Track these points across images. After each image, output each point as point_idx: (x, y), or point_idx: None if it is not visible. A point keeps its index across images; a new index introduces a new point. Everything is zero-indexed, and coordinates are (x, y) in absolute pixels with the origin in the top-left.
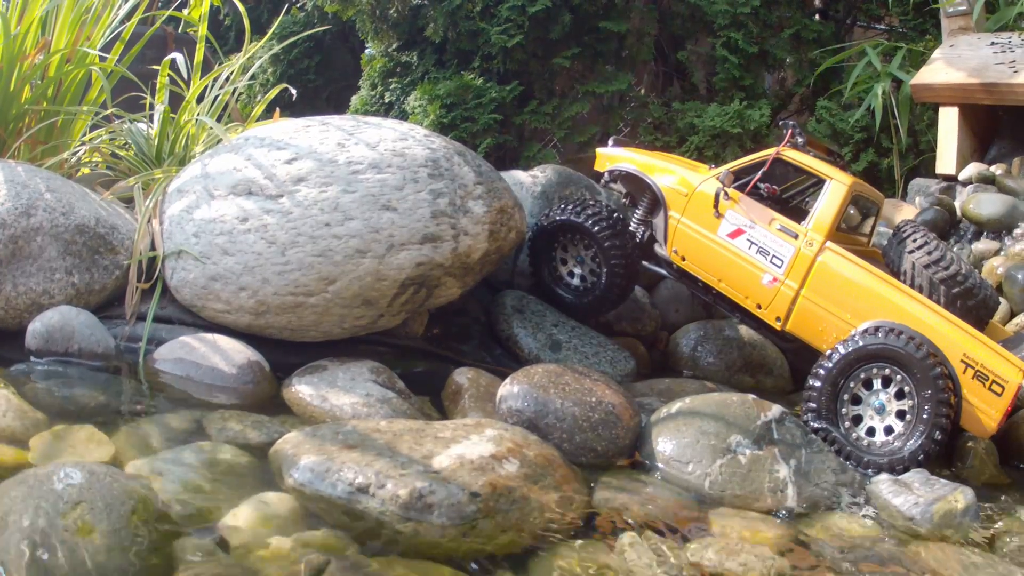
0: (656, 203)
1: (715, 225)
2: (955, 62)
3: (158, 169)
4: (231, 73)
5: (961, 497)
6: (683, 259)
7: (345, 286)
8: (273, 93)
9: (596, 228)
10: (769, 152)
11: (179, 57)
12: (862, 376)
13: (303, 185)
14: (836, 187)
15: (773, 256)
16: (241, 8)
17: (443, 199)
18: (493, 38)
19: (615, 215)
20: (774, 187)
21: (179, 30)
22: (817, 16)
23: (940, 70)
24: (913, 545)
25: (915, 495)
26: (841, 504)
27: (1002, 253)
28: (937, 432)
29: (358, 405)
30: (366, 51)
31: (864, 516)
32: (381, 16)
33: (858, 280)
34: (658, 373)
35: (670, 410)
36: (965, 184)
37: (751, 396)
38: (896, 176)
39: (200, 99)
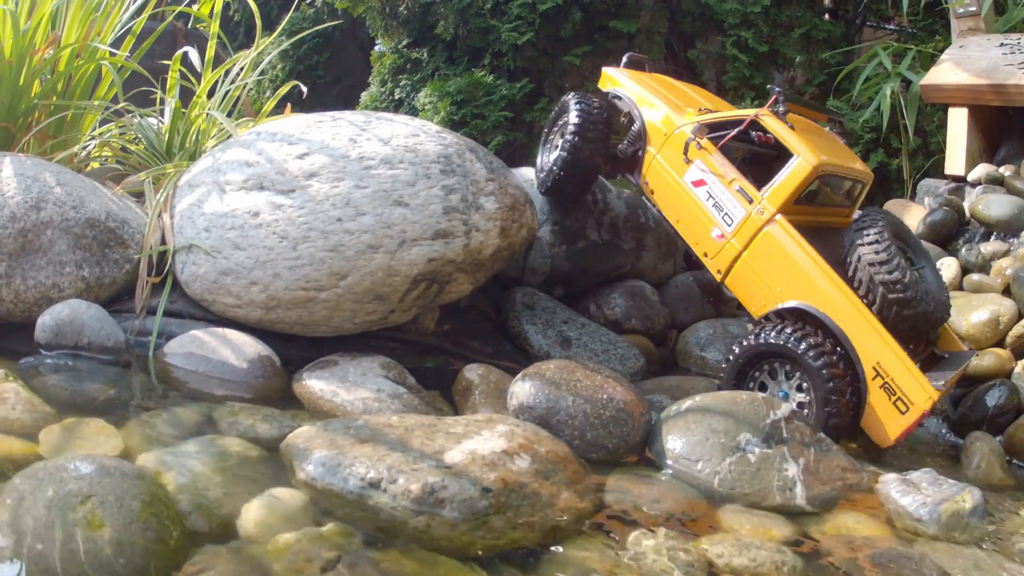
0: (641, 134)
1: (683, 170)
2: (964, 63)
3: (169, 163)
4: (242, 68)
5: (969, 497)
6: (652, 192)
7: (357, 281)
8: (285, 89)
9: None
10: (748, 113)
11: (191, 51)
12: (766, 368)
13: (315, 180)
14: (800, 164)
15: (726, 214)
16: (252, 4)
17: (455, 195)
18: (503, 35)
19: None
20: (768, 136)
21: (189, 26)
22: (827, 16)
23: (949, 71)
24: (921, 544)
25: (923, 495)
26: (849, 503)
27: (1011, 254)
28: (832, 421)
29: (369, 400)
30: (376, 47)
31: (872, 515)
32: (391, 13)
33: (796, 258)
34: (667, 371)
35: (680, 408)
36: (974, 185)
37: (760, 394)
38: (905, 176)
39: (211, 94)
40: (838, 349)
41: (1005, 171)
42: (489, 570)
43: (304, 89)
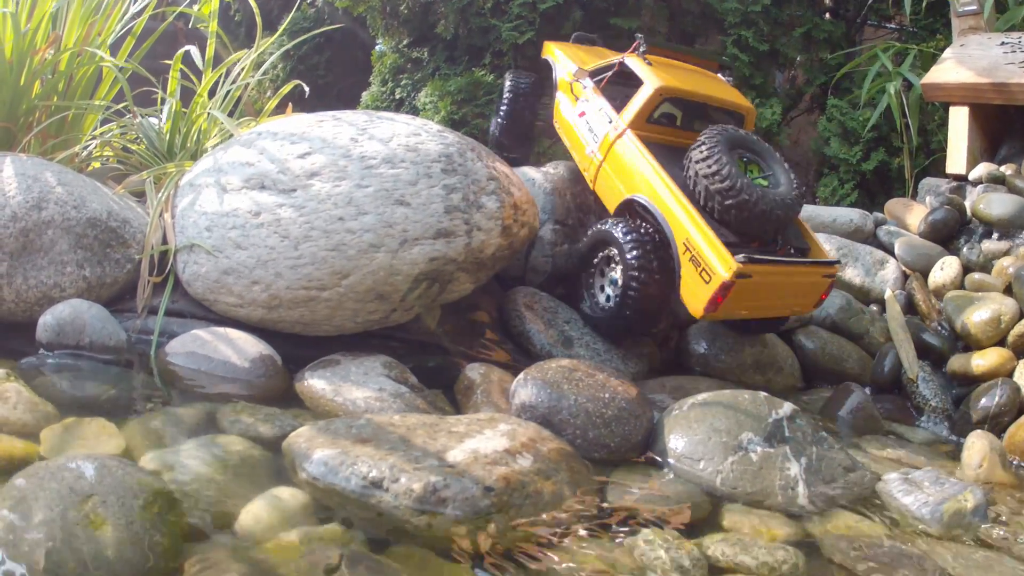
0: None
1: (574, 105)
2: (966, 62)
3: (170, 163)
4: (242, 68)
5: (971, 497)
6: (559, 128)
7: (358, 280)
8: (286, 89)
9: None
10: (617, 57)
11: (193, 50)
12: (601, 254)
13: (316, 179)
14: (645, 88)
15: (594, 134)
16: (253, 4)
17: (456, 194)
18: (504, 34)
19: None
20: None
21: (189, 26)
22: (828, 15)
23: (951, 69)
24: (922, 543)
25: (925, 494)
26: (851, 502)
27: (1012, 253)
28: (629, 292)
29: (371, 399)
30: (376, 47)
31: (874, 515)
32: (392, 12)
33: (635, 162)
34: (670, 371)
35: (682, 407)
36: (975, 184)
37: (763, 394)
38: (907, 175)
39: (212, 94)
40: (656, 237)
41: (1006, 170)
42: (491, 569)
43: (306, 89)
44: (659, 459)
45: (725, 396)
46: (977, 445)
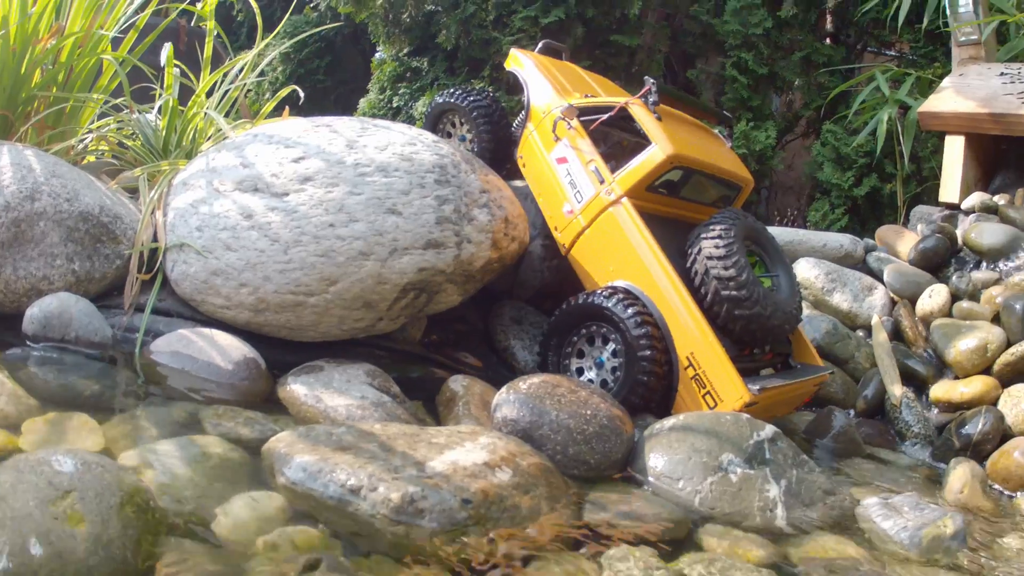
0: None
1: (551, 147)
2: (964, 91)
3: (164, 161)
4: (242, 69)
5: (950, 522)
6: (524, 165)
7: (346, 287)
8: (283, 93)
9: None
10: (619, 100)
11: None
12: (584, 332)
13: (309, 184)
14: (655, 152)
15: (578, 191)
16: (254, 5)
17: (448, 206)
18: (505, 47)
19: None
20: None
21: (191, 23)
22: (828, 40)
23: (949, 99)
24: (900, 568)
25: (904, 519)
26: (829, 525)
27: (1001, 283)
28: (639, 388)
29: (353, 407)
30: (376, 54)
31: (852, 538)
32: (394, 20)
33: (631, 240)
34: None
35: (663, 426)
36: (968, 213)
37: (745, 415)
38: (898, 202)
39: (210, 94)
40: (659, 328)
41: (999, 200)
42: None
43: (301, 94)
44: (639, 477)
45: (707, 416)
46: (959, 471)
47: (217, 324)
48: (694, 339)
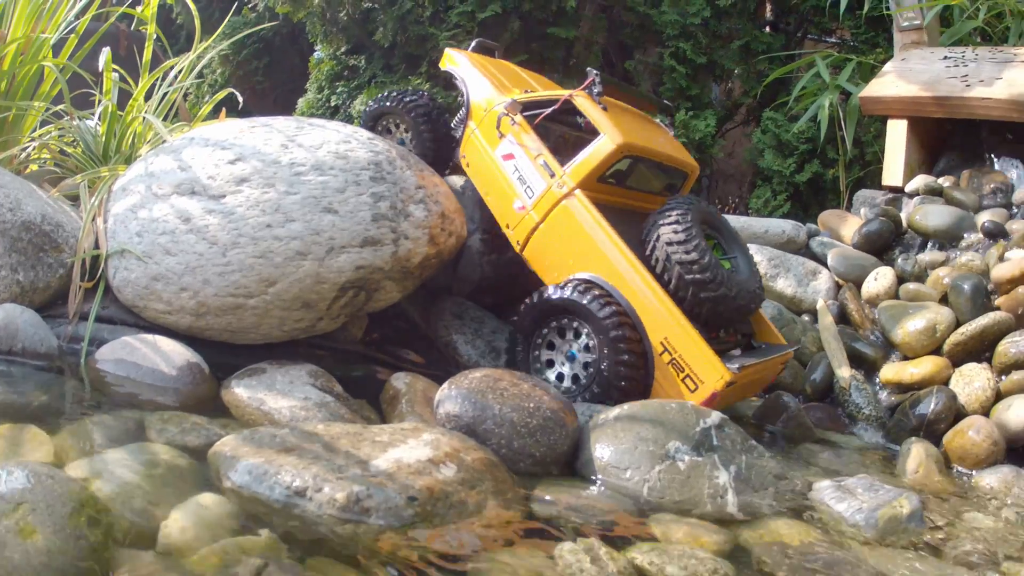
0: (466, 111)
1: (496, 144)
2: (907, 75)
3: (104, 167)
4: (179, 72)
5: (906, 503)
6: (468, 165)
7: (285, 288)
8: (221, 95)
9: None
10: (562, 93)
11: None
12: (554, 325)
13: (246, 186)
14: (605, 142)
15: (528, 186)
16: (192, 7)
17: (384, 203)
18: (442, 43)
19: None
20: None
21: (132, 28)
22: (768, 28)
23: (891, 83)
24: (857, 550)
25: (859, 500)
26: (782, 510)
27: (948, 263)
28: (613, 390)
29: (296, 408)
30: (315, 54)
31: (806, 522)
32: (331, 19)
33: (589, 231)
34: None
35: (608, 416)
36: (912, 196)
37: (690, 403)
38: (841, 187)
39: (148, 97)
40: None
41: (944, 182)
42: None
43: (240, 98)
44: (585, 469)
45: (652, 405)
46: (914, 451)
47: (160, 330)
48: (666, 324)
